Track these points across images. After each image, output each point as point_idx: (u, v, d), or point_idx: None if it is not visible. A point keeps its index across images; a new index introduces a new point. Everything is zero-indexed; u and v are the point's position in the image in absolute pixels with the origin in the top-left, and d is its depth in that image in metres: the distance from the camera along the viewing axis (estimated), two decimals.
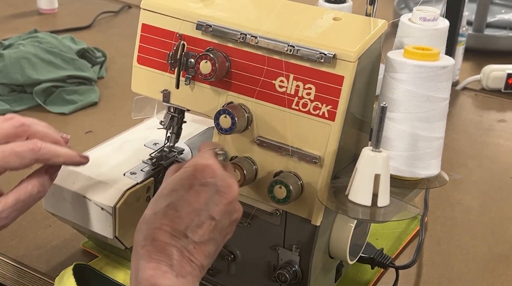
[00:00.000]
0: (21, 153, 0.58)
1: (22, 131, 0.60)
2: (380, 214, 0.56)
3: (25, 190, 0.60)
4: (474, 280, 0.78)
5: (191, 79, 0.66)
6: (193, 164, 0.55)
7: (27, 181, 0.61)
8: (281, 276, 0.65)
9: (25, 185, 0.60)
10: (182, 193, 0.53)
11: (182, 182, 0.53)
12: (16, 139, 0.60)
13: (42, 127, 0.62)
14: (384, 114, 0.55)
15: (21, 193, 0.60)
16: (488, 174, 1.02)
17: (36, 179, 0.61)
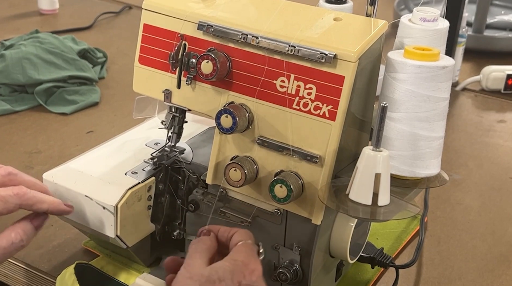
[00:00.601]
0: (5, 197, 0.58)
1: (8, 181, 0.60)
2: (380, 213, 0.56)
3: (7, 237, 0.59)
4: (474, 279, 0.78)
5: (192, 79, 0.67)
6: (244, 260, 0.54)
7: (11, 229, 0.60)
8: (282, 275, 0.66)
9: (8, 232, 0.59)
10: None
11: (232, 276, 0.52)
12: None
13: (29, 177, 0.63)
14: (385, 114, 0.55)
15: (3, 240, 0.58)
16: (488, 174, 1.02)
17: (21, 227, 0.60)
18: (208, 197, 0.69)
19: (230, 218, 0.68)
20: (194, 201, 0.70)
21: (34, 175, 0.93)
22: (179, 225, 0.74)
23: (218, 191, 0.67)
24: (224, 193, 0.68)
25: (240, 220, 0.67)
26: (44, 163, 0.96)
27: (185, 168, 0.71)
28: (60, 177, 0.70)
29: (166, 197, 0.72)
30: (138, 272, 0.74)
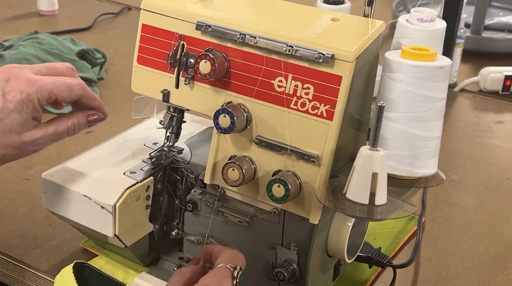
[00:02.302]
0: (71, 85, 0.65)
1: (70, 75, 0.67)
2: (377, 212, 0.56)
3: (65, 124, 0.66)
4: (471, 279, 0.78)
5: (190, 79, 0.67)
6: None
7: (68, 117, 0.67)
8: (279, 275, 0.66)
9: (65, 119, 0.67)
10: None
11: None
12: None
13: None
14: (382, 113, 0.56)
15: (61, 126, 0.66)
16: (485, 175, 1.03)
17: (77, 118, 0.67)
18: (206, 196, 0.69)
19: (228, 217, 0.68)
20: (192, 201, 0.71)
21: (33, 175, 0.95)
22: (177, 225, 0.74)
23: (216, 190, 0.68)
24: (222, 193, 0.68)
25: (238, 219, 0.68)
26: (43, 163, 0.96)
27: (183, 167, 0.72)
28: (58, 176, 0.70)
29: (165, 196, 0.73)
30: (136, 271, 0.74)
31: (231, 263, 0.57)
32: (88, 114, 0.69)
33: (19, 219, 0.84)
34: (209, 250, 0.60)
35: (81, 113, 0.68)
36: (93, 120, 0.69)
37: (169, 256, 0.75)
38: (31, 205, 0.87)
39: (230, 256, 0.58)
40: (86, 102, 0.68)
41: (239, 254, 0.59)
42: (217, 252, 0.59)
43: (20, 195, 0.89)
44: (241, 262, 0.58)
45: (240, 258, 0.58)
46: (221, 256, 0.58)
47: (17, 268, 0.76)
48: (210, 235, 0.70)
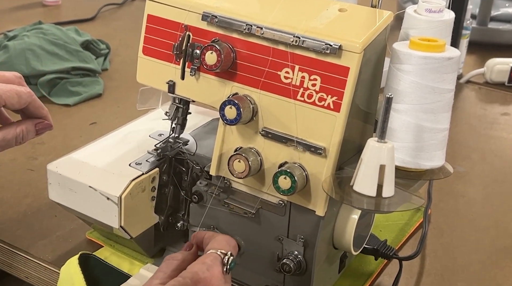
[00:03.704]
0: (20, 93, 0.64)
1: (18, 83, 0.66)
2: (384, 205, 0.56)
3: (13, 131, 0.66)
4: (477, 271, 0.78)
5: (196, 70, 0.67)
6: (193, 276, 0.52)
7: (16, 125, 0.66)
8: (285, 266, 0.66)
9: (14, 127, 0.66)
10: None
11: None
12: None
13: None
14: (390, 105, 0.55)
15: (9, 133, 0.65)
16: (491, 167, 1.02)
17: (25, 125, 0.67)
18: (212, 188, 0.69)
19: (234, 209, 0.68)
20: (198, 192, 0.70)
21: (38, 166, 0.95)
22: (182, 216, 0.74)
23: (222, 182, 0.67)
24: (227, 184, 0.68)
25: (243, 211, 0.67)
26: (48, 154, 0.96)
27: (188, 159, 0.71)
28: (64, 167, 0.70)
29: (170, 188, 0.73)
30: (141, 262, 0.74)
31: (222, 249, 0.56)
32: (36, 122, 0.68)
33: (24, 209, 0.84)
34: (200, 236, 0.59)
35: (29, 121, 0.67)
36: (40, 128, 0.68)
37: (175, 248, 0.75)
38: (36, 196, 0.87)
39: (220, 242, 0.57)
40: (34, 111, 0.67)
41: (231, 240, 0.58)
42: (208, 238, 0.58)
43: (24, 185, 0.89)
44: (233, 248, 0.57)
45: (231, 244, 0.57)
46: (212, 241, 0.57)
47: (22, 258, 0.77)
48: (215, 227, 0.70)
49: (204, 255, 0.56)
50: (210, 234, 0.59)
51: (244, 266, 0.70)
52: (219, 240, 0.57)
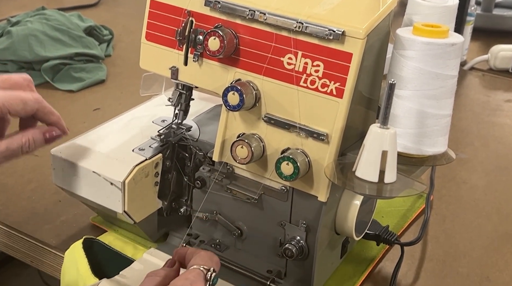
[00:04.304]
0: (26, 99, 0.61)
1: (27, 86, 0.63)
2: (386, 190, 0.56)
3: (18, 141, 0.62)
4: (479, 257, 0.78)
5: (199, 56, 0.67)
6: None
7: (22, 134, 0.63)
8: (287, 251, 0.66)
9: (19, 136, 0.62)
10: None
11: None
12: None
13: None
14: (393, 91, 0.55)
15: (13, 143, 0.62)
16: (494, 153, 1.02)
17: (32, 135, 0.63)
18: (215, 174, 0.69)
19: (237, 195, 0.68)
20: (201, 178, 0.71)
21: (42, 151, 0.94)
22: (186, 202, 0.74)
23: (225, 168, 0.68)
24: (230, 170, 0.68)
25: (246, 197, 0.68)
26: None
27: (192, 145, 0.72)
28: (68, 152, 0.70)
29: (173, 173, 0.73)
30: (145, 247, 0.75)
31: (205, 265, 0.55)
32: (45, 130, 0.64)
33: (28, 195, 0.85)
34: (183, 253, 0.59)
35: (38, 130, 0.64)
36: (50, 138, 0.64)
37: (178, 232, 0.76)
38: (40, 181, 0.87)
39: (203, 258, 0.56)
40: (43, 117, 0.64)
41: (213, 256, 0.57)
42: (191, 253, 0.58)
43: (29, 171, 0.90)
44: (215, 264, 0.56)
45: (214, 260, 0.56)
46: (195, 257, 0.56)
47: (27, 243, 0.77)
48: (218, 212, 0.71)
49: (187, 271, 0.55)
50: (193, 250, 0.58)
51: (247, 251, 0.71)
52: (202, 256, 0.56)
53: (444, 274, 0.75)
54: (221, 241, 0.72)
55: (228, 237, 0.71)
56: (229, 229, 0.71)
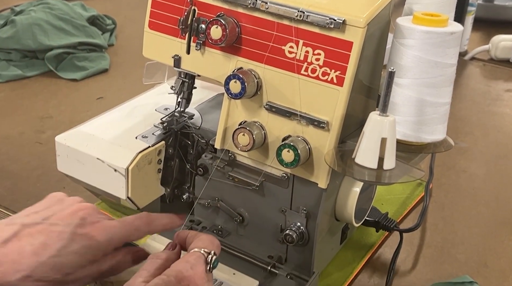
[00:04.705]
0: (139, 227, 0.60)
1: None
2: (385, 177, 0.57)
3: (109, 263, 0.58)
4: (477, 244, 0.79)
5: (201, 44, 0.67)
6: (177, 274, 0.52)
7: (112, 255, 0.59)
8: (288, 237, 0.67)
9: (108, 258, 0.58)
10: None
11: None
12: None
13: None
14: (392, 79, 0.56)
15: (103, 265, 0.58)
16: (493, 142, 1.03)
17: (121, 255, 0.60)
18: (217, 161, 0.70)
19: (238, 182, 0.69)
20: (203, 165, 0.72)
21: (46, 139, 0.96)
22: (188, 189, 0.75)
23: (227, 155, 0.69)
24: (232, 158, 0.69)
25: (248, 184, 0.69)
26: (56, 128, 0.98)
27: (194, 132, 0.73)
28: (72, 139, 0.71)
29: (176, 161, 0.74)
30: None
31: (205, 248, 0.55)
32: (134, 251, 0.61)
33: (33, 181, 0.86)
34: (183, 236, 0.59)
35: (127, 250, 0.60)
36: (137, 259, 0.61)
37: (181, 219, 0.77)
38: (44, 168, 0.88)
39: (204, 241, 0.56)
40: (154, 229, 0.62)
41: (214, 239, 0.57)
42: (191, 236, 0.58)
43: (33, 158, 0.91)
44: (216, 247, 0.56)
45: (214, 243, 0.57)
46: (195, 240, 0.57)
47: None
48: (220, 199, 0.72)
49: (188, 254, 0.55)
50: (193, 233, 0.58)
51: (248, 237, 0.72)
52: (203, 239, 0.57)
53: (442, 260, 0.76)
54: (223, 227, 0.73)
55: (230, 223, 0.72)
56: (230, 216, 0.72)
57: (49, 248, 0.53)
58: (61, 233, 0.54)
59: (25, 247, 0.53)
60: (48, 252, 0.53)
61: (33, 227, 0.54)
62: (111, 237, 0.57)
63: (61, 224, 0.55)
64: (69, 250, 0.54)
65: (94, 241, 0.56)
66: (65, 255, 0.54)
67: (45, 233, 0.54)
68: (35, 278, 0.53)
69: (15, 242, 0.53)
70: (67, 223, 0.55)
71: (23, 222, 0.55)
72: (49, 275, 0.53)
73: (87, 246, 0.55)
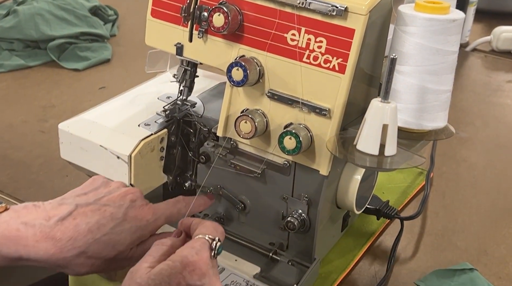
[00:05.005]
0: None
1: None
2: (387, 163, 0.58)
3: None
4: (477, 232, 0.80)
5: (204, 32, 0.68)
6: (182, 259, 0.53)
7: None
8: (289, 224, 0.68)
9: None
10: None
11: (170, 280, 0.52)
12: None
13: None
14: (394, 65, 0.56)
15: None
16: (494, 132, 1.03)
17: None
18: (219, 149, 0.71)
19: (240, 169, 0.70)
20: (205, 153, 0.72)
21: (48, 128, 0.97)
22: (190, 176, 0.76)
23: (229, 143, 0.69)
24: (234, 145, 0.69)
25: (249, 171, 0.69)
26: (58, 117, 0.98)
27: (196, 121, 0.73)
28: (75, 127, 0.72)
29: (178, 149, 0.74)
30: None
31: (210, 234, 0.57)
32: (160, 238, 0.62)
33: (36, 169, 0.86)
34: (188, 223, 0.60)
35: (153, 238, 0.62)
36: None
37: None
38: (47, 156, 0.89)
39: (208, 228, 0.58)
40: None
41: (218, 226, 0.59)
42: (196, 224, 0.59)
43: (36, 147, 0.92)
44: (220, 234, 0.58)
45: (218, 230, 0.58)
46: (200, 227, 0.58)
47: None
48: (222, 187, 0.72)
49: (193, 240, 0.56)
50: (198, 221, 0.60)
51: (250, 225, 0.73)
52: (207, 226, 0.58)
53: (442, 247, 0.77)
54: (225, 214, 0.74)
55: (232, 210, 0.73)
56: (232, 203, 0.72)
57: (103, 227, 0.57)
58: (114, 213, 0.58)
59: (81, 226, 0.57)
60: (102, 230, 0.57)
61: (87, 207, 0.58)
62: (158, 218, 0.62)
63: (113, 205, 0.59)
64: (121, 229, 0.58)
65: (144, 221, 0.60)
66: (118, 233, 0.58)
67: (98, 213, 0.58)
68: (89, 255, 0.57)
69: (70, 221, 0.57)
70: (118, 204, 0.59)
71: (77, 202, 0.59)
72: (101, 252, 0.57)
73: (137, 226, 0.60)
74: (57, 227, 0.56)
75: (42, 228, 0.56)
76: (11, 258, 0.56)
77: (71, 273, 0.58)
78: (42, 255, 0.56)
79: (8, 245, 0.55)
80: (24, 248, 0.55)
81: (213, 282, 0.54)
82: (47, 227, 0.56)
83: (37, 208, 0.58)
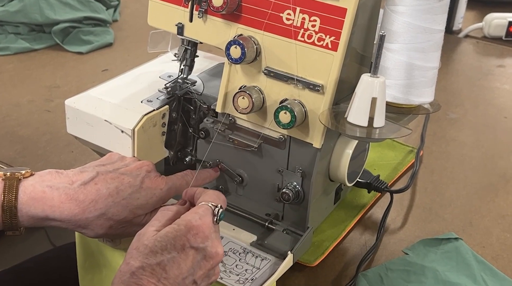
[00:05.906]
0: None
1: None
2: (375, 133, 0.61)
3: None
4: (463, 204, 0.83)
5: (203, 12, 0.71)
6: (186, 223, 0.56)
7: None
8: (284, 196, 0.71)
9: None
10: (174, 254, 0.54)
11: (175, 242, 0.55)
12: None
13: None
14: (383, 42, 0.60)
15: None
16: (483, 113, 1.07)
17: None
18: (218, 124, 0.74)
19: (238, 144, 0.73)
20: (205, 129, 0.75)
21: (54, 107, 1.00)
22: (190, 151, 0.79)
23: (227, 119, 0.72)
24: (232, 121, 0.72)
25: (247, 146, 0.72)
26: (63, 97, 1.00)
27: (196, 98, 0.76)
28: (81, 103, 0.75)
29: (179, 125, 0.77)
30: None
31: (213, 201, 0.60)
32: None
33: (43, 145, 0.90)
34: (192, 192, 0.64)
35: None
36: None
37: None
38: (53, 134, 0.92)
39: (211, 196, 0.61)
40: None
41: (220, 194, 0.62)
42: (199, 193, 0.63)
43: (43, 124, 0.95)
44: (222, 202, 0.61)
45: (221, 198, 0.62)
46: (203, 195, 0.62)
47: None
48: (221, 161, 0.76)
49: (197, 206, 0.60)
50: (201, 190, 0.63)
51: (248, 196, 0.76)
52: (210, 194, 0.62)
53: (430, 219, 0.80)
54: (223, 187, 0.77)
55: (230, 183, 0.76)
56: (231, 176, 0.75)
57: (122, 192, 0.62)
58: (131, 181, 0.64)
59: (102, 190, 0.62)
60: (121, 195, 0.63)
61: (107, 175, 0.64)
62: (169, 187, 0.67)
63: (130, 175, 0.65)
64: (138, 196, 0.63)
65: (157, 190, 0.65)
66: (135, 199, 0.63)
67: (118, 180, 0.63)
68: (108, 217, 0.62)
69: (92, 185, 0.62)
70: (136, 174, 0.65)
71: (97, 170, 0.64)
72: (120, 214, 0.62)
73: (153, 194, 0.65)
74: (80, 190, 0.61)
75: (66, 190, 0.61)
76: (38, 218, 0.60)
77: (90, 234, 0.63)
78: (66, 214, 0.60)
79: (35, 206, 0.60)
80: (50, 208, 0.60)
81: (215, 244, 0.58)
82: (71, 189, 0.61)
83: (59, 174, 0.63)
